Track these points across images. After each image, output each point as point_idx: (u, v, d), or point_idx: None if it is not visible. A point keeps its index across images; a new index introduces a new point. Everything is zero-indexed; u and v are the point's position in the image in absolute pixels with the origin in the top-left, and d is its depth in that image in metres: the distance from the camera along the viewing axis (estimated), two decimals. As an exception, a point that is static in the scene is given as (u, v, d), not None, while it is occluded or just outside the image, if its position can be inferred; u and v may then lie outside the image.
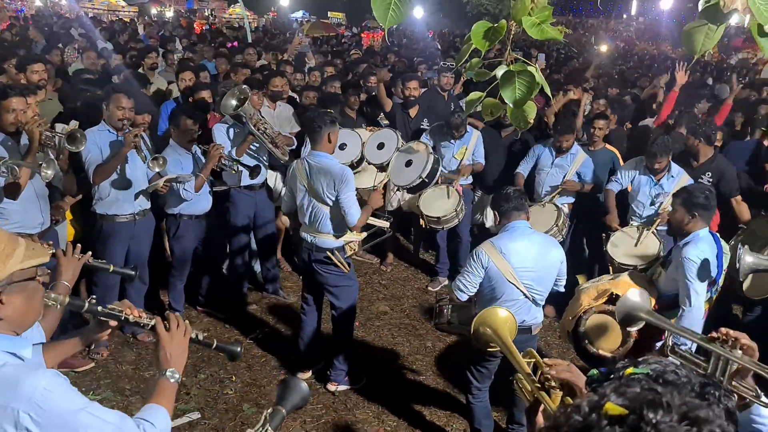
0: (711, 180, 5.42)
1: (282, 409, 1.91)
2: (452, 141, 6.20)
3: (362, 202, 4.55)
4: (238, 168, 5.19)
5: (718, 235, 4.01)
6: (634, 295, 3.43)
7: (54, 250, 2.56)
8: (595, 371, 1.54)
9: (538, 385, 1.89)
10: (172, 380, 2.08)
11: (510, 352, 2.32)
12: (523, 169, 6.12)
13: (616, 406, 0.92)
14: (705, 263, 3.73)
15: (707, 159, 5.55)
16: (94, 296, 2.31)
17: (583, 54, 16.47)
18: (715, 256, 3.80)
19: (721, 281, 3.99)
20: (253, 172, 5.28)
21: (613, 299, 3.98)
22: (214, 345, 2.28)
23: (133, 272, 2.88)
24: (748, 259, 3.55)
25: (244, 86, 5.43)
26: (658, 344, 3.84)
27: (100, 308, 2.10)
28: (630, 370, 1.25)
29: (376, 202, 4.58)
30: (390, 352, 5.32)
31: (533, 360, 2.12)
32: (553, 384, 1.86)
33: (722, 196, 5.41)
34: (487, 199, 6.32)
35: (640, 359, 1.31)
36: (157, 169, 4.58)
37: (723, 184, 5.41)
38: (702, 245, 3.77)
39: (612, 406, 0.92)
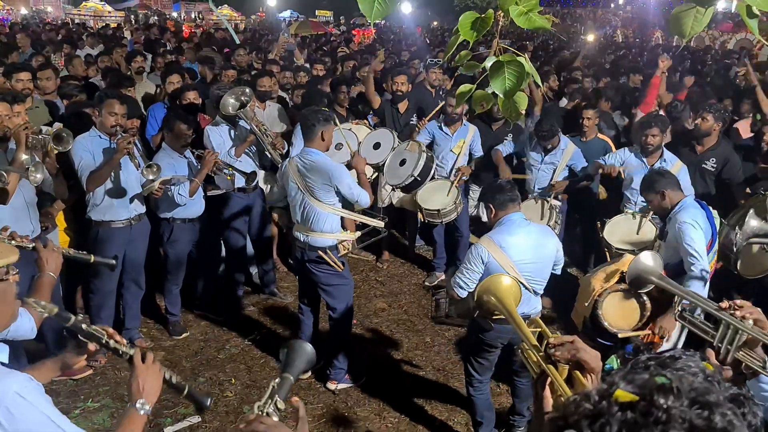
0: (715, 166, 5.42)
1: (290, 377, 1.81)
2: (449, 134, 6.19)
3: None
4: (233, 174, 5.17)
5: (704, 202, 4.24)
6: (646, 257, 3.41)
7: (34, 244, 2.57)
8: (614, 361, 1.52)
9: (545, 357, 1.87)
10: (141, 412, 2.01)
11: (515, 320, 2.28)
12: (503, 149, 6.12)
13: (626, 392, 0.92)
14: (698, 222, 3.99)
15: (712, 144, 5.51)
16: (81, 314, 2.29)
17: (571, 44, 16.48)
18: (706, 218, 4.06)
19: (716, 246, 4.13)
20: (249, 178, 5.26)
21: (624, 278, 4.01)
22: (185, 392, 2.17)
23: (113, 261, 2.89)
24: (753, 222, 3.59)
25: (247, 89, 5.39)
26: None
27: (84, 326, 2.06)
28: (655, 379, 1.23)
29: (360, 164, 4.66)
30: (389, 348, 5.31)
31: (539, 330, 2.07)
32: (559, 357, 1.84)
33: (725, 182, 5.42)
34: (477, 191, 6.33)
35: (666, 356, 1.28)
36: (151, 177, 4.52)
37: (727, 170, 5.40)
38: (691, 209, 4.07)
39: (622, 392, 0.92)
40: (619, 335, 3.86)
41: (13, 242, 2.49)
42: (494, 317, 2.71)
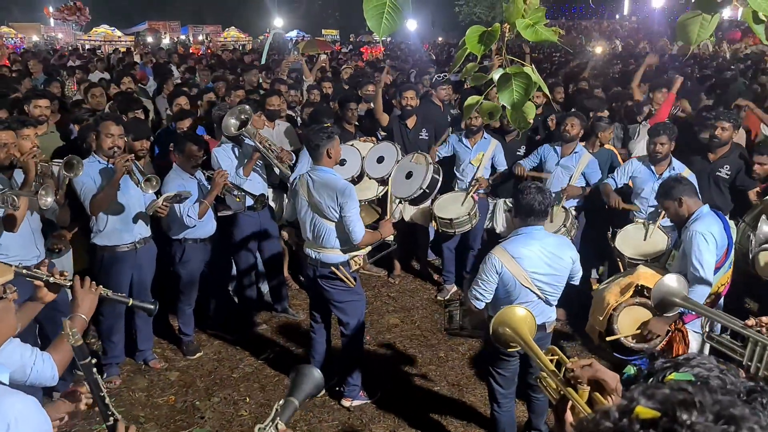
0: (729, 173, 5.37)
1: (294, 401, 1.83)
2: (469, 147, 6.20)
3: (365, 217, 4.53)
4: (243, 195, 5.18)
5: (720, 212, 4.16)
6: (671, 280, 3.37)
7: (71, 282, 2.53)
8: (631, 370, 1.51)
9: (564, 382, 1.87)
10: None
11: (532, 350, 2.29)
12: (526, 163, 6.09)
13: (647, 409, 0.89)
14: (713, 235, 3.91)
15: (725, 152, 5.47)
16: (95, 359, 2.30)
17: (577, 56, 16.49)
18: (723, 229, 3.98)
19: (733, 255, 4.08)
20: (259, 200, 5.26)
21: (639, 290, 3.99)
22: None
23: (153, 306, 2.83)
24: (766, 228, 3.55)
25: (246, 106, 5.41)
26: (689, 324, 3.85)
27: (94, 370, 2.11)
28: (672, 376, 1.21)
29: (387, 232, 4.54)
30: (403, 364, 5.28)
31: (556, 357, 2.09)
32: (579, 380, 1.84)
33: (740, 188, 5.38)
34: (497, 205, 6.31)
35: (680, 358, 1.27)
36: (150, 191, 4.51)
37: (741, 177, 5.36)
38: (708, 219, 3.99)
39: (642, 409, 0.89)
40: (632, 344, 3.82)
41: (51, 279, 2.48)
42: (510, 348, 2.71)
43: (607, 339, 3.91)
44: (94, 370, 2.10)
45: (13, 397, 1.75)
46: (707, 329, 2.76)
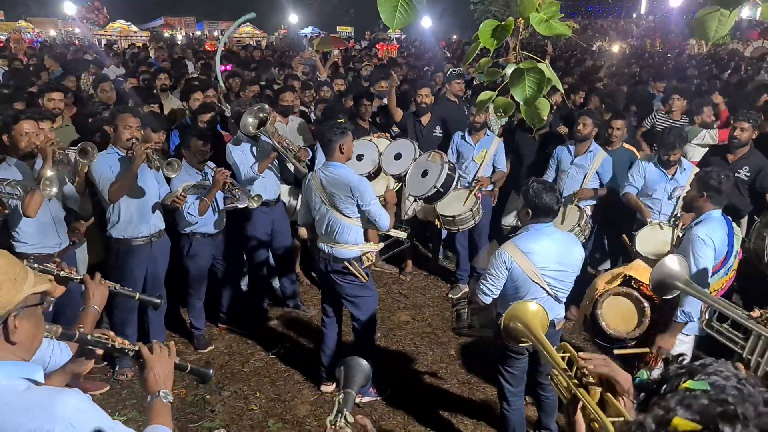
0: (748, 174, 5.31)
1: (351, 392, 1.91)
2: (471, 144, 6.18)
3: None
4: (242, 195, 5.15)
5: (729, 218, 4.12)
6: (672, 261, 3.27)
7: (81, 276, 2.57)
8: (644, 374, 1.48)
9: (576, 381, 1.84)
10: (165, 401, 2.09)
11: (543, 346, 2.25)
12: (549, 176, 6.05)
13: (686, 420, 0.84)
14: (713, 240, 3.87)
15: (744, 152, 5.41)
16: (81, 325, 2.31)
17: (594, 55, 16.38)
18: (726, 236, 3.94)
19: (732, 262, 4.07)
20: (255, 199, 5.24)
21: (627, 281, 4.02)
22: (188, 370, 2.37)
23: (159, 300, 2.88)
24: None
25: (266, 105, 5.38)
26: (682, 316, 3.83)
27: (89, 336, 2.14)
28: (687, 384, 1.17)
29: (392, 198, 4.61)
30: (413, 361, 5.28)
31: (568, 355, 2.04)
32: (590, 380, 1.80)
33: (758, 191, 5.32)
34: (518, 200, 6.28)
35: (696, 364, 1.23)
36: (173, 174, 4.54)
37: (761, 179, 5.30)
38: (713, 224, 3.94)
39: (681, 420, 0.84)
40: (615, 351, 3.78)
41: (62, 273, 2.51)
42: (521, 343, 2.68)
43: (597, 340, 3.99)
44: (88, 336, 2.13)
45: (64, 396, 1.76)
46: (706, 317, 2.69)
